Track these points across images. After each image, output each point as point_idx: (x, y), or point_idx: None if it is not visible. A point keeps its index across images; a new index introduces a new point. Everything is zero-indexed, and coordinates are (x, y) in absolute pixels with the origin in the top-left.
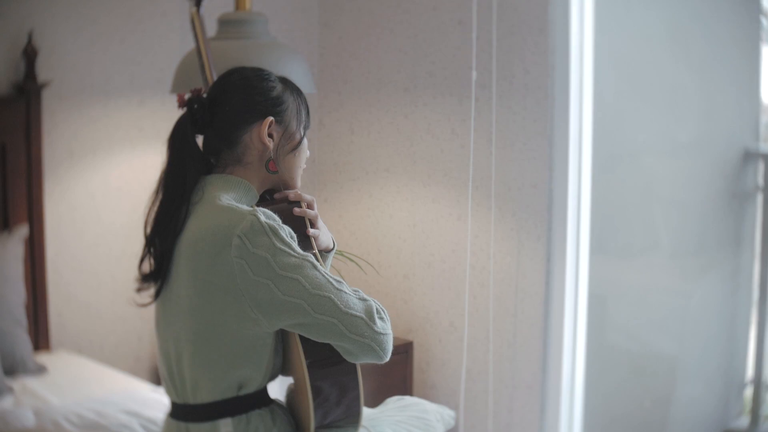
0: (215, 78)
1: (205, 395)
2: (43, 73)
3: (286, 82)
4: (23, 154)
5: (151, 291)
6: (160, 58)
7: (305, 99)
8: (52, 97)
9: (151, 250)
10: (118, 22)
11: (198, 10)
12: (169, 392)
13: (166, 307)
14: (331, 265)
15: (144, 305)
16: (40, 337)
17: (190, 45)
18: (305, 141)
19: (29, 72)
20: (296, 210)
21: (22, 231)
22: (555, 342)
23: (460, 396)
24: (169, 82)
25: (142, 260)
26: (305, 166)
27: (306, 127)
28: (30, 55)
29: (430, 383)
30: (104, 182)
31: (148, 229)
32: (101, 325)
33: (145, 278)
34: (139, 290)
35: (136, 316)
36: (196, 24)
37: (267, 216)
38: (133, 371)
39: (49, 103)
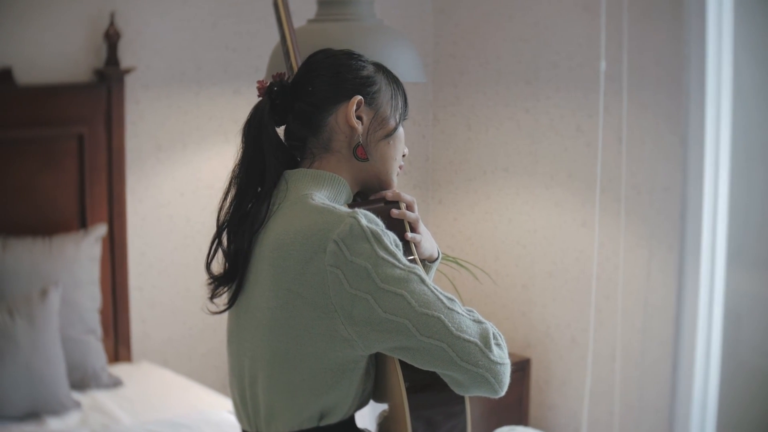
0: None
1: (280, 425)
2: (126, 58)
3: (379, 65)
4: (104, 146)
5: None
6: (257, 44)
7: (402, 87)
8: (136, 84)
9: (222, 247)
10: (210, 4)
11: None
12: (240, 419)
13: (241, 319)
14: (444, 275)
15: (216, 313)
16: (119, 347)
17: None
18: (401, 131)
19: (111, 57)
20: (394, 212)
21: (100, 230)
22: (686, 362)
23: (583, 419)
24: None
25: (209, 260)
26: (402, 162)
27: (402, 116)
28: (112, 38)
29: (548, 403)
30: (194, 178)
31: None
32: (189, 334)
33: (217, 280)
34: (212, 297)
35: None
36: (280, 6)
37: (369, 219)
38: (223, 386)
39: (133, 91)
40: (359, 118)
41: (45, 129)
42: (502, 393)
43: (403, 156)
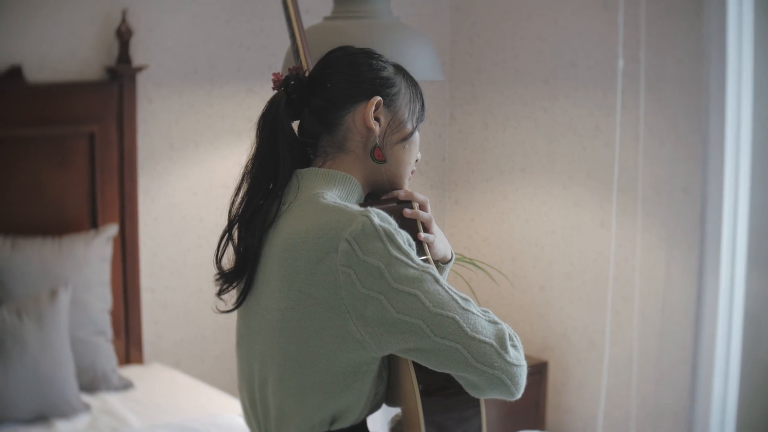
0: (310, 65)
1: (291, 429)
2: (138, 56)
3: (399, 67)
4: (115, 145)
5: (234, 294)
6: (271, 42)
7: (421, 91)
8: (149, 82)
9: (232, 242)
10: (223, 1)
11: None
12: (249, 423)
13: (250, 320)
14: (461, 276)
15: (225, 312)
16: (131, 349)
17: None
18: (417, 135)
19: (123, 54)
20: (406, 211)
21: (110, 230)
22: (705, 365)
23: (598, 422)
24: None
25: (219, 254)
26: (415, 168)
27: (419, 120)
28: (124, 35)
29: (565, 407)
30: (207, 178)
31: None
32: (201, 335)
33: (225, 276)
34: (220, 293)
35: None
36: (289, 4)
37: (382, 218)
38: (237, 389)
39: (145, 89)
40: (377, 119)
41: (55, 127)
42: (519, 395)
43: (416, 161)
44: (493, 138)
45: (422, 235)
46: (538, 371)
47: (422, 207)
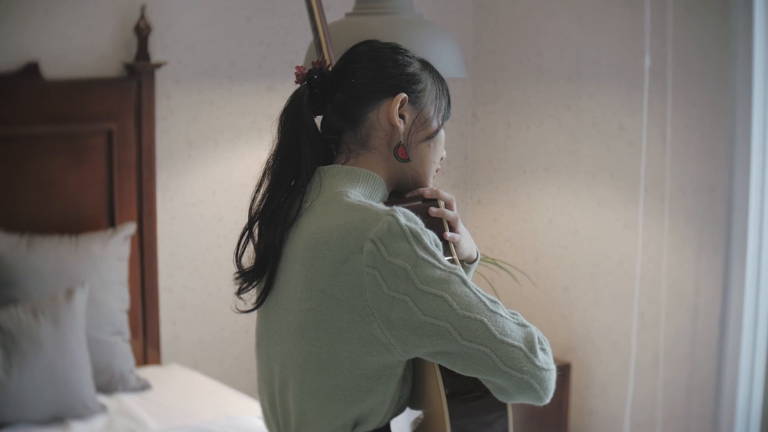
0: (333, 59)
1: None
2: (157, 52)
3: (425, 63)
4: (133, 143)
5: (253, 294)
6: (291, 39)
7: (447, 87)
8: (167, 79)
9: (252, 240)
10: None
11: None
12: (269, 426)
13: (270, 321)
14: (483, 276)
15: (245, 312)
16: (148, 349)
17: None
18: (442, 133)
19: (141, 51)
20: (432, 210)
21: (128, 229)
22: (731, 367)
23: (625, 425)
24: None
25: (239, 253)
26: (440, 166)
27: (445, 118)
28: (142, 32)
29: (588, 409)
30: (226, 176)
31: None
32: (220, 336)
33: (245, 275)
34: (239, 292)
35: None
36: None
37: (408, 218)
38: (256, 390)
39: (164, 86)
40: (401, 116)
41: (73, 125)
42: (547, 400)
43: (441, 159)
44: (516, 137)
45: (448, 234)
46: (562, 373)
47: (448, 205)
